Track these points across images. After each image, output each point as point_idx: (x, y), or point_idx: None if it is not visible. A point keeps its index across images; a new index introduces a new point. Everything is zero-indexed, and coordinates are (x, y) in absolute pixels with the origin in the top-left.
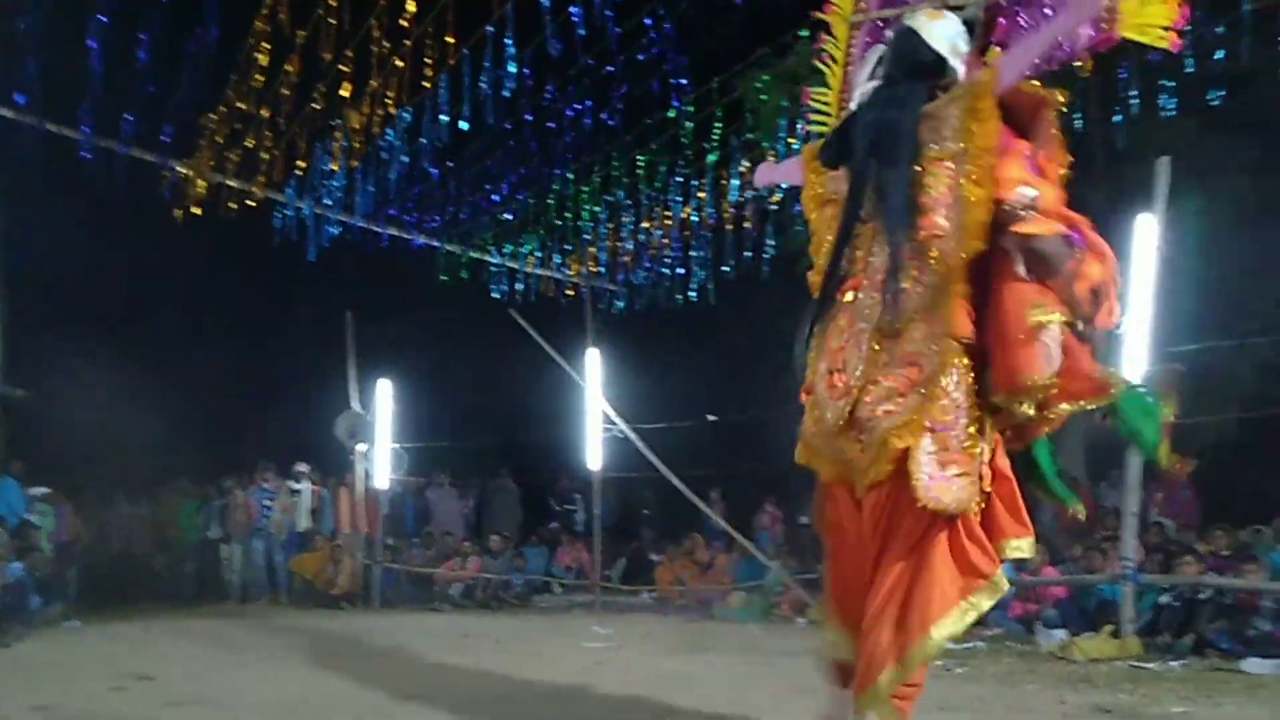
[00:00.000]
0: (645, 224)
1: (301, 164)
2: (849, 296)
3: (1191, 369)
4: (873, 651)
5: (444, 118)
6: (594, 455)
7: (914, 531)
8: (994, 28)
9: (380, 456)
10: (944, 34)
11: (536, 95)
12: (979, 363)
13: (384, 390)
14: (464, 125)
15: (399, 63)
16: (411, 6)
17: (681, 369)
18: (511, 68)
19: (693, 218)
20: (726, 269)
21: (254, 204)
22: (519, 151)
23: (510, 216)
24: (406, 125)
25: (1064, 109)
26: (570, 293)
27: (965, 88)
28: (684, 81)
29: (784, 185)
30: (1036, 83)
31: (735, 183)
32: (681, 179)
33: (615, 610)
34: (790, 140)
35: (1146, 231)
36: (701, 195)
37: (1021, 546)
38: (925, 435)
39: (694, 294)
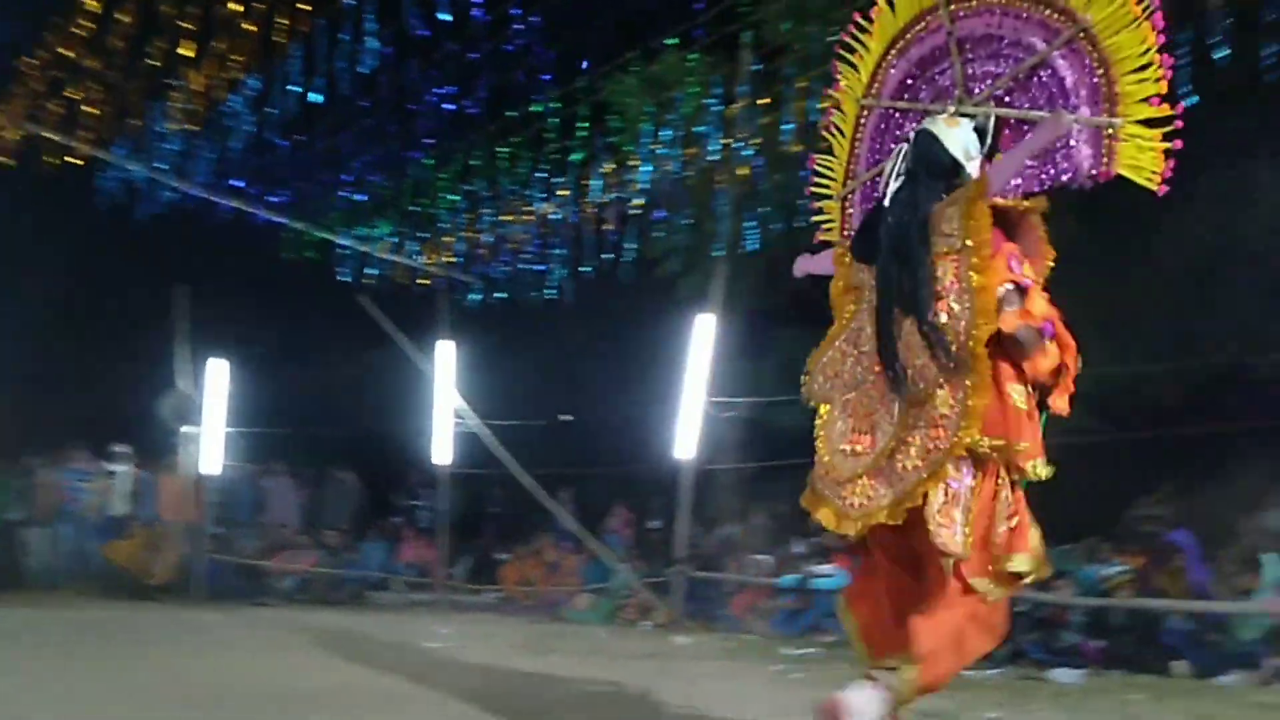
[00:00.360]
0: (505, 217)
1: (134, 122)
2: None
3: None
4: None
5: (295, 88)
6: (442, 450)
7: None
8: (1001, 135)
9: (210, 440)
10: (959, 140)
11: (396, 75)
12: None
13: (217, 370)
14: (316, 98)
15: (249, 26)
16: None
17: (536, 367)
18: (371, 43)
19: (553, 215)
20: (586, 269)
21: (77, 161)
22: (375, 131)
23: (363, 198)
24: (254, 92)
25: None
26: (424, 282)
27: (962, 191)
28: (549, 77)
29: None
30: (1021, 200)
31: (598, 183)
32: (544, 175)
33: (458, 610)
34: (654, 146)
35: None
36: (563, 193)
37: (1016, 560)
38: (940, 488)
39: (552, 292)
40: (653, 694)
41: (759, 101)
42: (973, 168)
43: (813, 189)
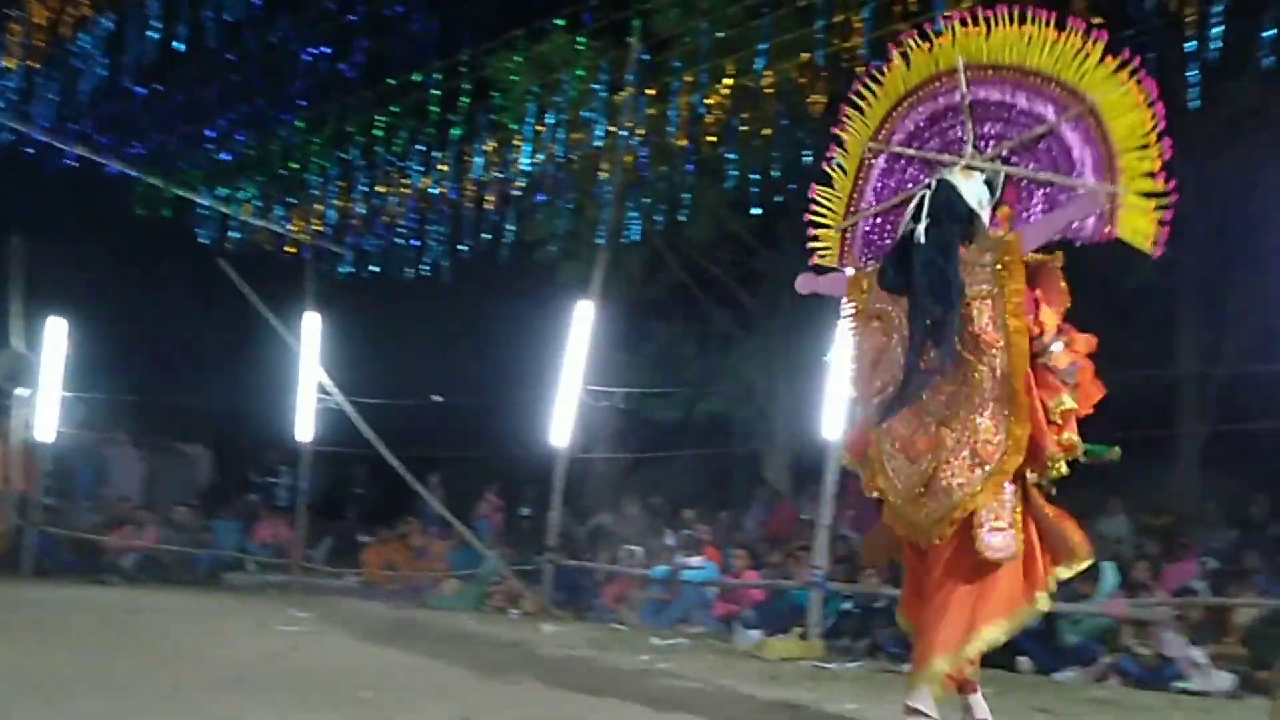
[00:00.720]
0: (380, 188)
1: None
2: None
3: None
4: (928, 644)
5: (154, 34)
6: (304, 426)
7: (975, 567)
8: (1006, 188)
9: (45, 404)
10: (973, 190)
11: (267, 28)
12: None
13: (56, 329)
14: (178, 45)
15: None
16: None
17: (408, 345)
18: None
19: (431, 190)
20: (463, 248)
21: None
22: (243, 87)
23: (227, 157)
24: (107, 33)
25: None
26: (291, 250)
27: (996, 243)
28: (431, 47)
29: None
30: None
31: (478, 160)
32: (423, 148)
33: (316, 593)
34: (539, 127)
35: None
36: (443, 168)
37: (1060, 574)
38: (989, 502)
39: (426, 269)
40: (518, 681)
41: (647, 91)
42: (985, 215)
43: (812, 217)
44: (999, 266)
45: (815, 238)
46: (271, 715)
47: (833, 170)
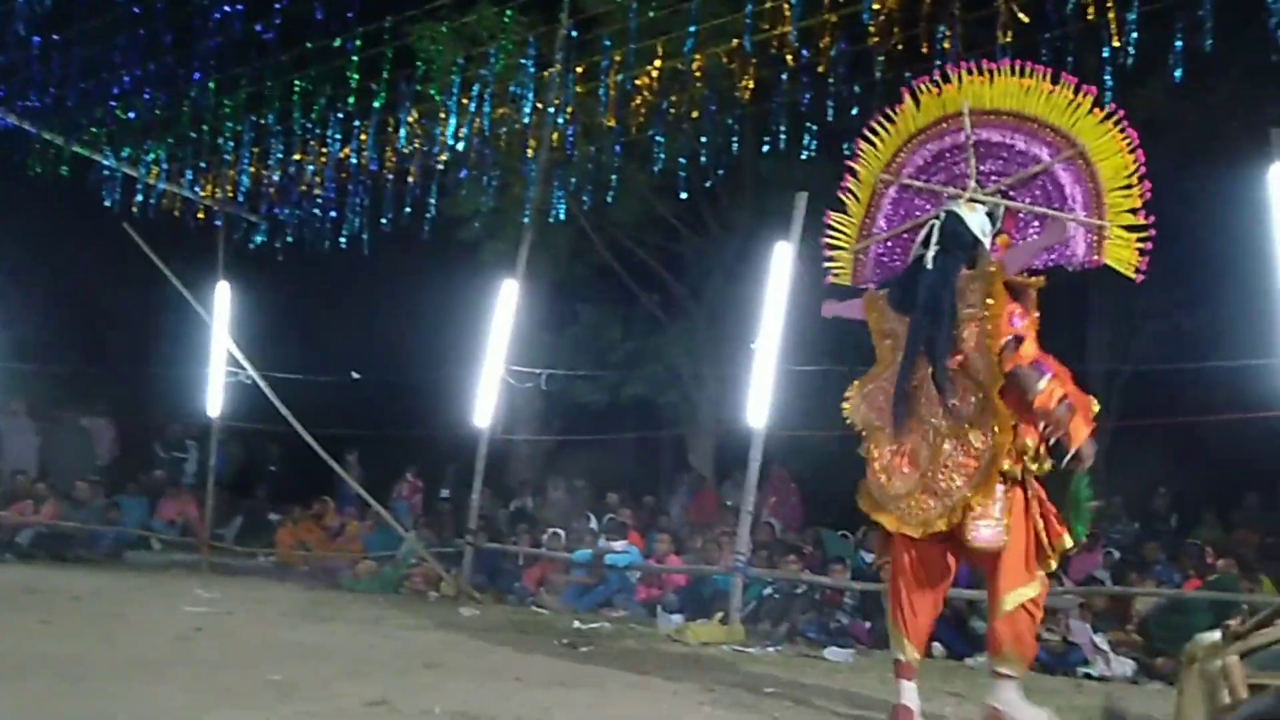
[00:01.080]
0: (297, 156)
1: None
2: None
3: (807, 388)
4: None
5: None
6: (214, 400)
7: (980, 558)
8: (1005, 219)
9: None
10: (976, 221)
11: None
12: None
13: None
14: None
15: None
16: None
17: (326, 320)
18: None
19: (351, 160)
20: (384, 221)
21: None
22: (150, 42)
23: (133, 115)
24: None
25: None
26: (200, 216)
27: (983, 270)
28: (352, 14)
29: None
30: (1030, 277)
31: (402, 132)
32: (343, 116)
33: (225, 573)
34: (464, 100)
35: (782, 259)
36: (364, 138)
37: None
38: (981, 501)
39: (344, 242)
40: (436, 664)
41: (575, 69)
42: (987, 243)
43: (827, 239)
44: (986, 295)
45: (831, 259)
46: (178, 698)
47: (846, 197)
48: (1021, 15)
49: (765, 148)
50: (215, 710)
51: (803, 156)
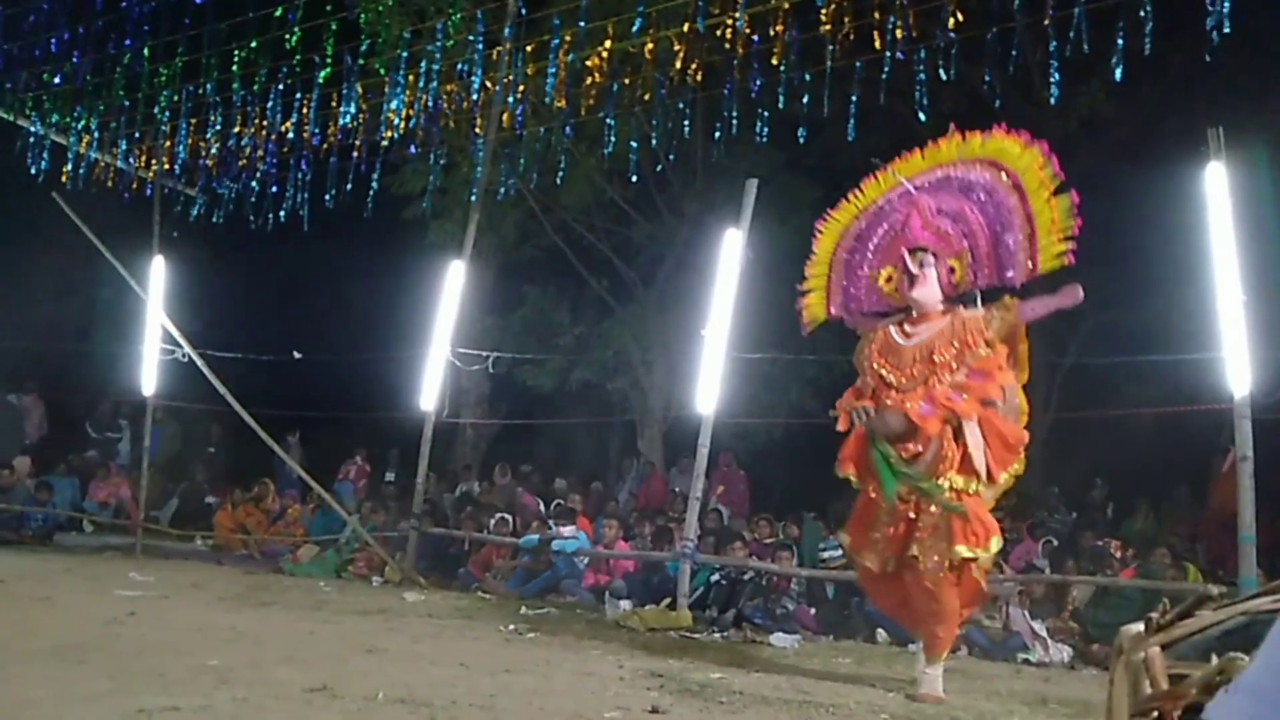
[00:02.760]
0: (236, 129)
1: None
2: None
3: (754, 376)
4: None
5: None
6: (148, 378)
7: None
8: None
9: None
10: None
11: None
12: None
13: None
14: None
15: None
16: None
17: (267, 298)
18: None
19: (291, 135)
20: (327, 197)
21: None
22: (81, 3)
23: (59, 80)
24: None
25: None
26: (134, 187)
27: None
28: None
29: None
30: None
31: (348, 109)
32: (283, 88)
33: (160, 556)
34: (410, 76)
35: (732, 245)
36: (305, 112)
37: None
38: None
39: (285, 217)
40: (379, 650)
41: (525, 48)
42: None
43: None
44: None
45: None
46: (106, 685)
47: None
48: (959, 13)
49: (716, 133)
50: (146, 696)
51: (754, 143)
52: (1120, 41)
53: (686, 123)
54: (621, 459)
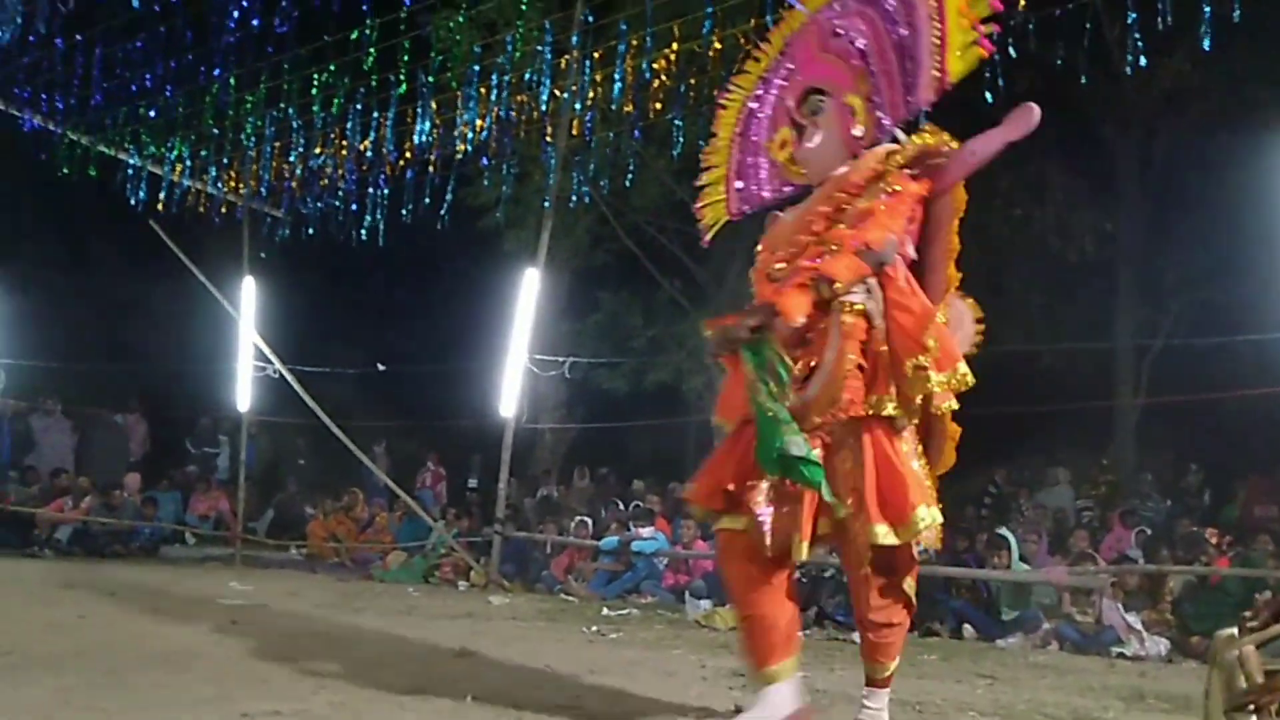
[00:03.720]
0: (317, 150)
1: None
2: None
3: None
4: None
5: None
6: (243, 395)
7: None
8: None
9: None
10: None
11: None
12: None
13: None
14: None
15: None
16: None
17: (350, 312)
18: None
19: (371, 153)
20: (405, 213)
21: None
22: (170, 39)
23: (154, 113)
24: None
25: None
26: (224, 211)
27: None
28: (367, 6)
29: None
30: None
31: (424, 125)
32: (361, 108)
33: (258, 565)
34: (482, 89)
35: None
36: (383, 131)
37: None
38: None
39: (365, 234)
40: (466, 653)
41: (594, 54)
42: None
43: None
44: None
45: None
46: (211, 690)
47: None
48: None
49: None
50: (249, 701)
51: None
52: (1207, 9)
53: None
54: (699, 458)
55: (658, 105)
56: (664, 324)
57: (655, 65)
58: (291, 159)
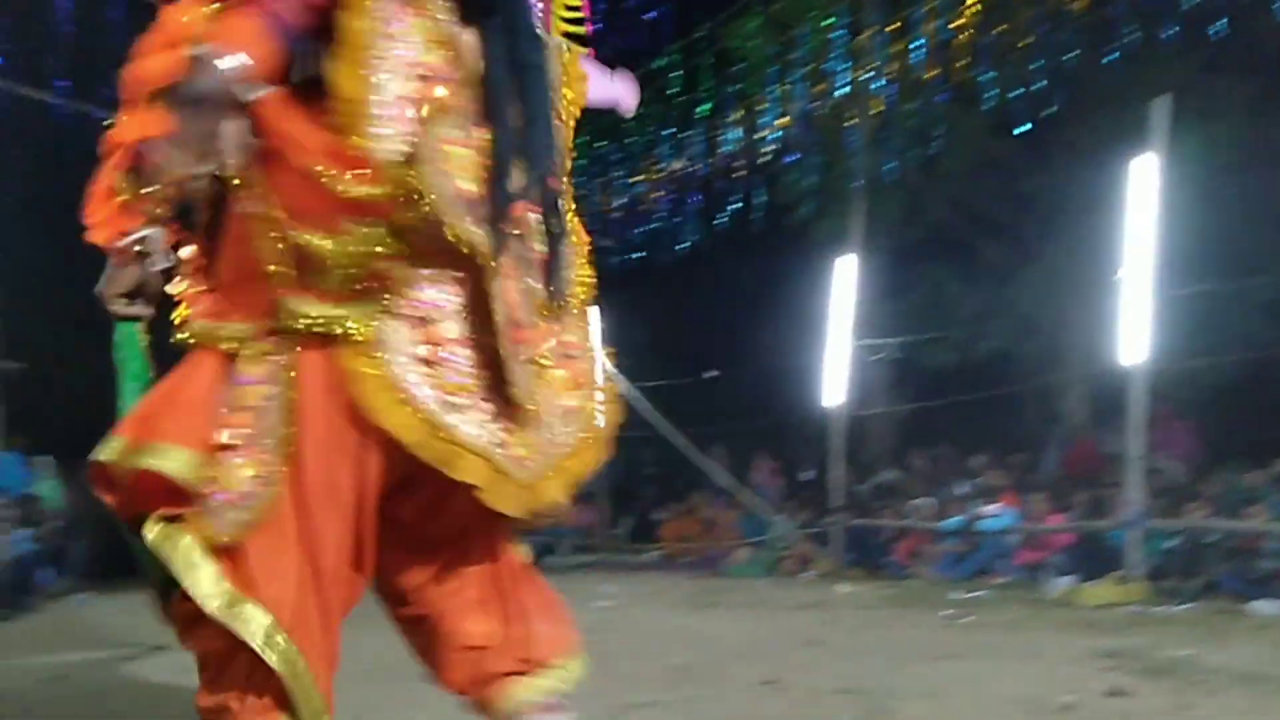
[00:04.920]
0: (636, 178)
1: None
2: None
3: (1192, 313)
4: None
5: None
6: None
7: None
8: None
9: None
10: None
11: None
12: None
13: None
14: None
15: None
16: None
17: (675, 325)
18: None
19: (684, 171)
20: (719, 221)
21: None
22: None
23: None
24: None
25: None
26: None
27: None
28: (668, 32)
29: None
30: None
31: (734, 134)
32: (670, 131)
33: (623, 569)
34: (781, 88)
35: (1145, 174)
36: (693, 148)
37: None
38: None
39: (687, 247)
40: (820, 642)
41: (888, 28)
42: None
43: None
44: None
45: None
46: (592, 685)
47: None
48: None
49: (1113, 54)
50: (626, 694)
51: (1155, 56)
52: None
53: (1072, 54)
54: (1041, 427)
55: (962, 64)
56: (988, 289)
57: (955, 24)
58: (613, 191)
